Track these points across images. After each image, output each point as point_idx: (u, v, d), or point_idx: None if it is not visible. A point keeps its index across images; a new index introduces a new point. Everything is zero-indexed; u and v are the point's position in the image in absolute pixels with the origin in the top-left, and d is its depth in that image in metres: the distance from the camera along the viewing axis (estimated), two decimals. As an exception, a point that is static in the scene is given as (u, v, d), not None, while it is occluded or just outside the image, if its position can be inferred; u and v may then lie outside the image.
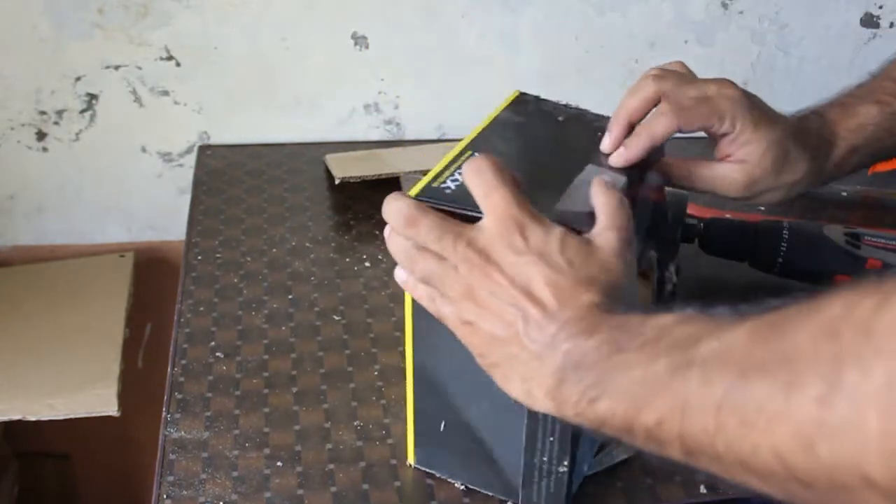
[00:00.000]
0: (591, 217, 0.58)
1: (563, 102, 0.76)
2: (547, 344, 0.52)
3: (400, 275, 0.61)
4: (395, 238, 0.59)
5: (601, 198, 0.59)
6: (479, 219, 0.56)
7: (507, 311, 0.54)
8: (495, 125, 0.72)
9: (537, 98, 0.76)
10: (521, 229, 0.54)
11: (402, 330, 0.69)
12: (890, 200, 1.17)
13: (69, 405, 0.99)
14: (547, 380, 0.52)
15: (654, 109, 0.74)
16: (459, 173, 0.62)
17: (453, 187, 0.62)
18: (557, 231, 0.55)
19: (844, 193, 1.19)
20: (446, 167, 0.64)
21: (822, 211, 1.16)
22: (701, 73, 1.37)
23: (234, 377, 0.80)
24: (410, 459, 0.71)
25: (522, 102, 0.75)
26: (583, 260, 0.55)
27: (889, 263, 0.90)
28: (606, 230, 0.57)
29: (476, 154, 0.59)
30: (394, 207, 0.58)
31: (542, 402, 0.53)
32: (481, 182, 0.56)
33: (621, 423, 0.49)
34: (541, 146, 0.71)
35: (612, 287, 0.54)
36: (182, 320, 0.87)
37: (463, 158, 0.64)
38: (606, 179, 0.61)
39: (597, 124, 0.73)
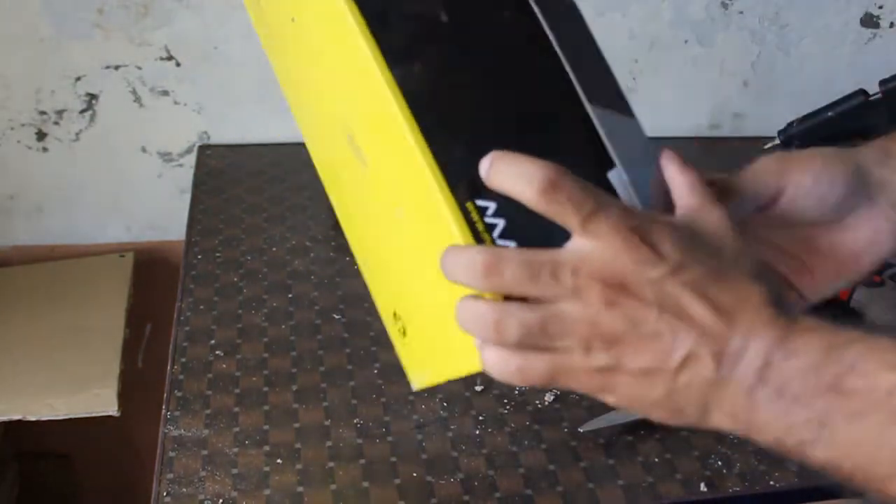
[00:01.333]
0: (669, 203, 0.49)
1: None
2: (728, 365, 0.44)
3: (491, 358, 0.46)
4: (467, 305, 0.46)
5: (685, 176, 0.50)
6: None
7: (661, 339, 0.45)
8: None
9: None
10: (643, 238, 0.44)
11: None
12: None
13: (69, 405, 0.99)
14: (734, 403, 0.45)
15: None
16: (491, 213, 0.47)
17: (503, 223, 0.48)
18: (680, 226, 0.46)
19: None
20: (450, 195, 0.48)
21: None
22: (701, 73, 1.37)
23: (233, 375, 0.80)
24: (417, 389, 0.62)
25: (377, 19, 0.50)
26: (717, 250, 0.46)
27: (889, 263, 0.90)
28: (710, 208, 0.48)
29: (521, 163, 0.45)
30: (461, 261, 0.46)
31: (724, 423, 0.46)
32: (572, 207, 0.44)
33: (840, 476, 0.44)
34: (467, 92, 0.50)
35: (760, 273, 0.46)
36: (182, 319, 0.87)
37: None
38: (674, 153, 0.51)
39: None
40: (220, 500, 0.67)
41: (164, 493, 0.67)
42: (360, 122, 0.54)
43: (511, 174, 0.45)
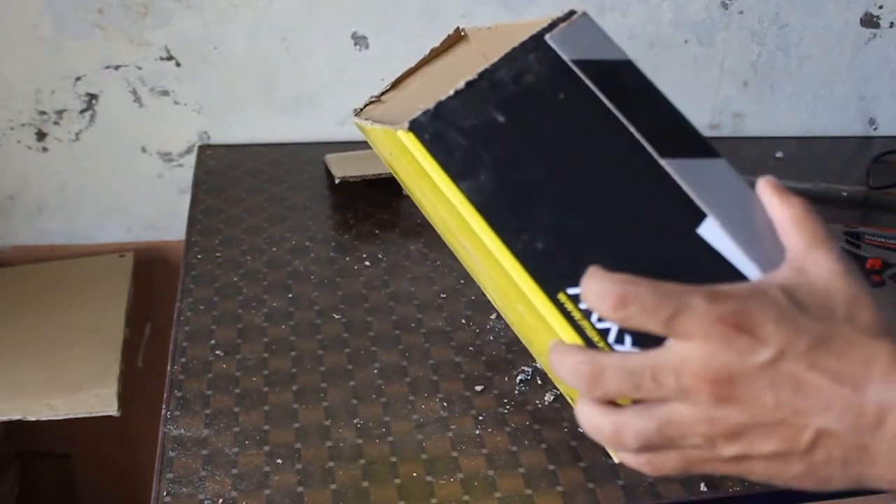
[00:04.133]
0: (775, 241, 0.47)
1: (457, 90, 0.53)
2: (869, 429, 0.42)
3: (623, 458, 0.47)
4: (585, 416, 0.46)
5: (786, 209, 0.48)
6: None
7: (785, 424, 0.43)
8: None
9: (433, 120, 0.52)
10: (737, 325, 0.42)
11: (404, 328, 0.68)
12: (890, 200, 1.17)
13: (69, 405, 0.99)
14: (882, 460, 0.43)
15: None
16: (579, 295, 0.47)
17: (615, 330, 0.47)
18: (779, 293, 0.44)
19: (844, 193, 1.19)
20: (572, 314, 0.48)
21: (822, 211, 1.16)
22: (701, 73, 1.38)
23: (233, 375, 0.80)
24: None
25: (437, 148, 0.51)
26: (827, 305, 0.44)
27: (889, 263, 0.90)
28: (817, 250, 0.46)
29: (591, 280, 0.44)
30: (566, 367, 0.45)
31: (884, 482, 0.44)
32: (648, 316, 0.43)
33: None
34: (536, 183, 0.51)
35: (881, 324, 0.44)
36: (182, 318, 0.87)
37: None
38: (771, 180, 0.48)
39: (529, 79, 0.53)
40: (220, 500, 0.67)
41: (164, 493, 0.67)
42: (459, 232, 0.56)
43: (587, 294, 0.44)
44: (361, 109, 0.73)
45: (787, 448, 0.43)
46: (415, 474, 0.70)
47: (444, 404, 0.78)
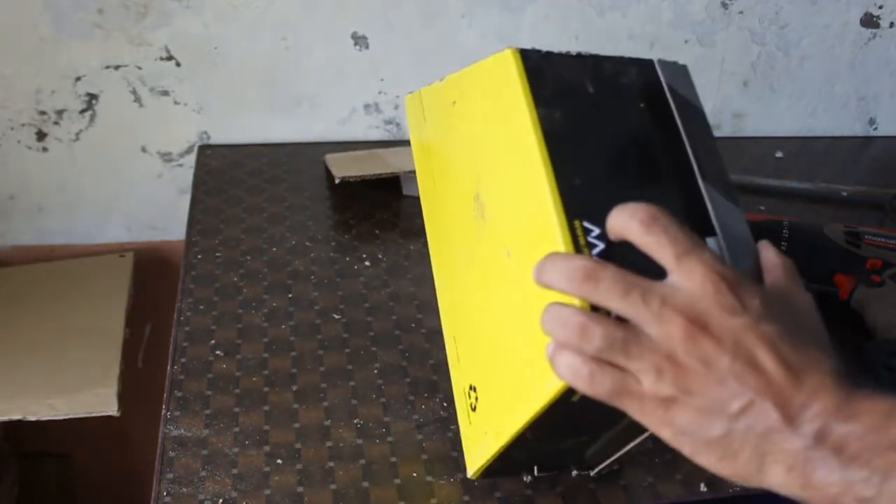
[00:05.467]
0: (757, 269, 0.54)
1: (567, 52, 0.63)
2: (789, 418, 0.46)
3: (565, 359, 0.48)
4: (555, 308, 0.49)
5: (780, 259, 0.54)
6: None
7: (728, 383, 0.46)
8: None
9: (542, 58, 0.61)
10: (731, 286, 0.47)
11: (404, 328, 0.68)
12: (890, 200, 1.17)
13: (69, 405, 0.99)
14: (791, 457, 0.46)
15: None
16: (594, 236, 0.52)
17: (602, 246, 0.52)
18: (768, 290, 0.50)
19: (844, 193, 1.19)
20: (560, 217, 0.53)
21: (822, 210, 1.16)
22: (701, 73, 1.37)
23: (233, 375, 0.80)
24: (473, 475, 0.69)
25: (534, 74, 0.60)
26: (799, 317, 0.49)
27: (889, 262, 0.90)
28: (800, 289, 0.52)
29: (629, 204, 0.49)
30: (561, 265, 0.49)
31: (779, 479, 0.47)
32: (668, 241, 0.48)
33: None
34: (597, 142, 0.58)
35: (833, 350, 0.49)
36: (182, 319, 0.87)
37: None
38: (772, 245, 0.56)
39: (624, 80, 0.62)
40: (220, 500, 0.67)
41: (164, 493, 0.67)
42: (492, 172, 0.64)
43: (622, 211, 0.49)
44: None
45: (718, 406, 0.46)
46: (415, 474, 0.70)
47: (444, 404, 0.78)
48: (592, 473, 0.71)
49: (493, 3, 1.24)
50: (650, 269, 0.48)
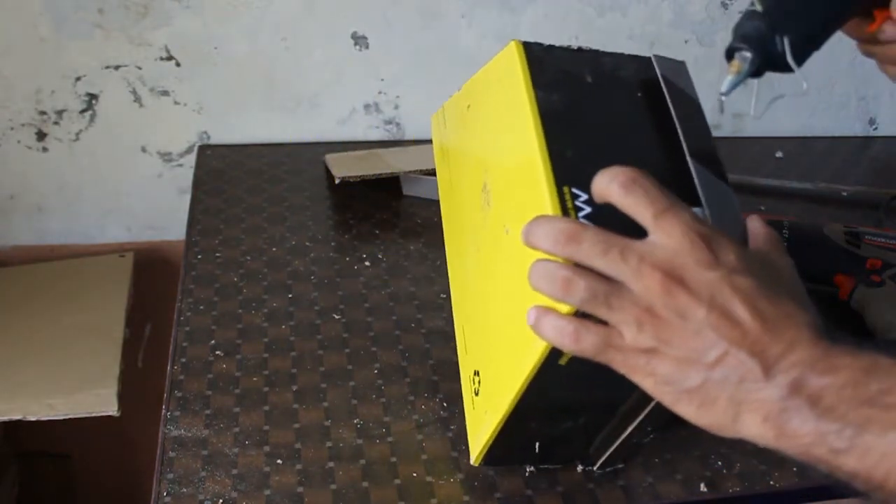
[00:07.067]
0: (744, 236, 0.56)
1: (568, 46, 0.69)
2: (765, 368, 0.47)
3: (550, 321, 0.51)
4: (541, 264, 0.51)
5: (765, 228, 0.55)
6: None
7: (704, 334, 0.48)
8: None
9: (544, 50, 0.67)
10: (707, 242, 0.49)
11: (404, 328, 0.68)
12: (887, 201, 1.17)
13: (69, 405, 0.99)
14: (766, 406, 0.47)
15: None
16: (582, 200, 0.55)
17: (589, 210, 0.55)
18: (747, 248, 0.51)
19: (844, 193, 1.19)
20: (548, 180, 0.57)
21: (822, 210, 1.16)
22: (701, 74, 1.37)
23: (233, 375, 0.80)
24: (476, 460, 0.70)
25: (536, 63, 0.65)
26: (778, 276, 0.51)
27: (889, 262, 0.90)
28: (782, 252, 0.53)
29: (611, 167, 0.51)
30: (546, 227, 0.51)
31: (754, 429, 0.48)
32: (647, 201, 0.50)
33: (870, 485, 0.46)
34: (591, 123, 0.62)
35: (810, 306, 0.50)
36: (182, 319, 0.87)
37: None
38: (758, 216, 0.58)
39: (622, 73, 0.66)
40: (221, 501, 0.67)
41: (164, 493, 0.67)
42: (497, 152, 0.68)
43: (603, 174, 0.51)
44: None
45: (695, 357, 0.48)
46: (415, 474, 0.70)
47: (444, 404, 0.78)
48: (596, 468, 0.71)
49: (493, 3, 1.24)
50: (634, 230, 0.50)
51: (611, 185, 0.50)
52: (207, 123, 1.24)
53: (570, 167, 0.57)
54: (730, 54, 0.64)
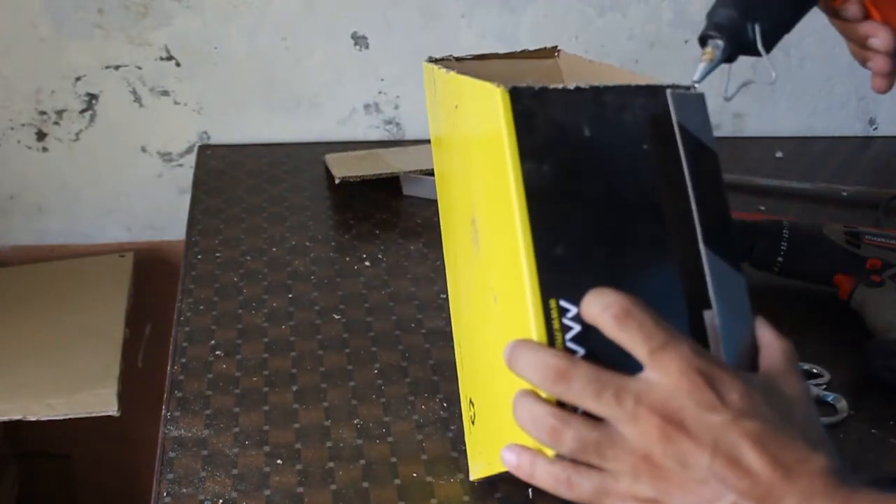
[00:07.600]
0: (752, 360, 0.51)
1: (564, 87, 0.56)
2: None
3: (543, 468, 0.48)
4: (527, 404, 0.47)
5: (779, 341, 0.51)
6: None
7: (709, 484, 0.44)
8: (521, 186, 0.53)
9: (535, 98, 0.54)
10: (709, 381, 0.45)
11: (404, 328, 0.68)
12: (887, 201, 1.17)
13: (69, 405, 0.99)
14: None
15: None
16: (571, 316, 0.49)
17: (577, 329, 0.49)
18: (754, 381, 0.47)
19: (845, 193, 1.19)
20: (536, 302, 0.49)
21: (822, 210, 1.16)
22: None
23: (233, 375, 0.80)
24: (474, 479, 0.69)
25: (523, 120, 0.54)
26: (789, 409, 0.47)
27: (889, 263, 0.90)
28: (793, 375, 0.49)
29: (602, 291, 0.47)
30: (532, 359, 0.47)
31: None
32: (642, 336, 0.46)
33: None
34: (587, 199, 0.53)
35: (826, 443, 0.47)
36: (182, 319, 0.87)
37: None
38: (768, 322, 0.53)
39: (628, 117, 0.56)
40: (221, 501, 0.67)
41: (164, 493, 0.67)
42: (483, 206, 0.59)
43: (594, 301, 0.47)
44: (437, 60, 0.76)
45: None
46: (415, 474, 0.70)
47: (444, 404, 0.78)
48: None
49: (493, 3, 1.24)
50: (628, 355, 0.47)
51: (603, 315, 0.47)
52: (207, 123, 1.24)
53: (558, 271, 0.50)
54: (703, 42, 0.61)
